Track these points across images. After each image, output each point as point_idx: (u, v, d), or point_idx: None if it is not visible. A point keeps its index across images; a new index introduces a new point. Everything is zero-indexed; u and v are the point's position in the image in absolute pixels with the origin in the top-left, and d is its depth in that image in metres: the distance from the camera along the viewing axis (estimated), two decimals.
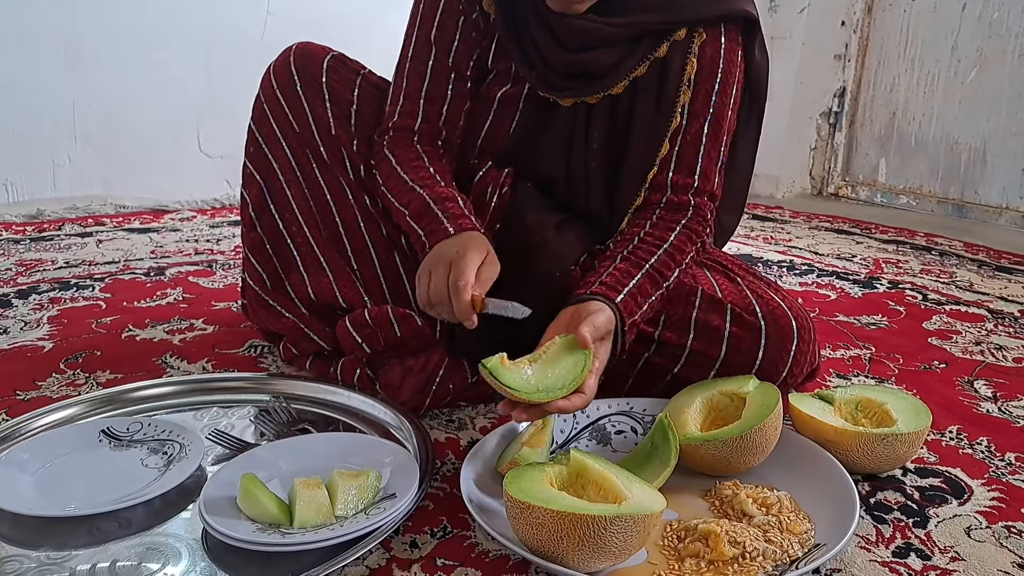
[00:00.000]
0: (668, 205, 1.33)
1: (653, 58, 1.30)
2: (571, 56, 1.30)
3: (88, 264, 2.21)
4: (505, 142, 1.40)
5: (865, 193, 3.49)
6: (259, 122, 1.45)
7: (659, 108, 1.32)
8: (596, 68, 1.30)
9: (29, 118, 2.70)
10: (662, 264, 1.25)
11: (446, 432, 1.28)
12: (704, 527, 0.96)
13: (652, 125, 1.32)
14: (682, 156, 1.33)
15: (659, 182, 1.34)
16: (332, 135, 1.39)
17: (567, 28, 1.27)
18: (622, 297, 1.18)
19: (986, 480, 1.18)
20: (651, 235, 1.29)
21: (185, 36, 2.90)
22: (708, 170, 1.34)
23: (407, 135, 1.36)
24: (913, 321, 1.89)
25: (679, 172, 1.33)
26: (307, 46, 1.44)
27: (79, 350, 1.58)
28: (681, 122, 1.32)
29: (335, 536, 0.93)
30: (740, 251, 2.55)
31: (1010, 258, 2.53)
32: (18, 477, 1.07)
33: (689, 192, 1.33)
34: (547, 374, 1.05)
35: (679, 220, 1.31)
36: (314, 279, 1.41)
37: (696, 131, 1.32)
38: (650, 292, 1.23)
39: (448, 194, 1.26)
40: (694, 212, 1.32)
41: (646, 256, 1.25)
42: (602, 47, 1.29)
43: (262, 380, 1.40)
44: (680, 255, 1.28)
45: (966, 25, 3.10)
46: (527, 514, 0.90)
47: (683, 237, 1.29)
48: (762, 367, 1.26)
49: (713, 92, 1.32)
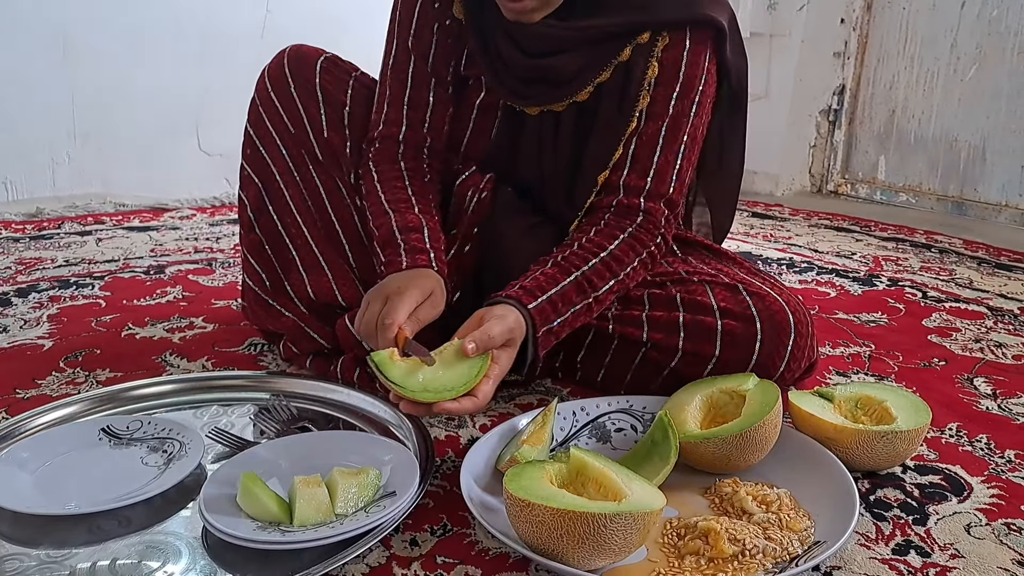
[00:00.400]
0: (617, 209, 1.30)
1: (617, 63, 1.29)
2: (532, 61, 1.30)
3: (88, 262, 2.21)
4: (487, 148, 1.41)
5: (865, 191, 3.49)
6: (255, 124, 1.47)
7: (620, 112, 1.31)
8: (558, 74, 1.31)
9: (28, 115, 2.70)
10: (595, 272, 1.23)
11: (446, 430, 1.28)
12: (704, 525, 0.96)
13: (612, 128, 1.31)
14: (637, 157, 1.30)
15: (612, 183, 1.31)
16: (326, 136, 1.41)
17: (527, 34, 1.27)
18: (537, 304, 1.16)
19: (986, 477, 1.18)
20: (592, 242, 1.26)
21: (183, 32, 2.91)
22: (664, 173, 1.30)
23: (392, 146, 1.37)
24: (913, 318, 1.90)
25: (632, 173, 1.30)
26: (300, 48, 1.46)
27: (79, 348, 1.58)
28: (638, 125, 1.30)
29: (335, 534, 0.93)
30: (740, 248, 2.55)
31: (1010, 255, 2.53)
32: (18, 475, 1.07)
33: (641, 195, 1.30)
34: (440, 374, 1.06)
35: (625, 227, 1.28)
36: (313, 278, 1.42)
37: (653, 132, 1.30)
38: (574, 300, 1.20)
39: (416, 223, 1.26)
40: (643, 219, 1.29)
41: (579, 263, 1.23)
42: (563, 52, 1.29)
43: (262, 378, 1.41)
44: (618, 265, 1.25)
45: (965, 22, 3.10)
46: (527, 512, 0.90)
47: (625, 247, 1.27)
48: (759, 362, 1.26)
49: (673, 95, 1.29)
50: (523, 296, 1.16)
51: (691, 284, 1.34)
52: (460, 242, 1.37)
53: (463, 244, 1.37)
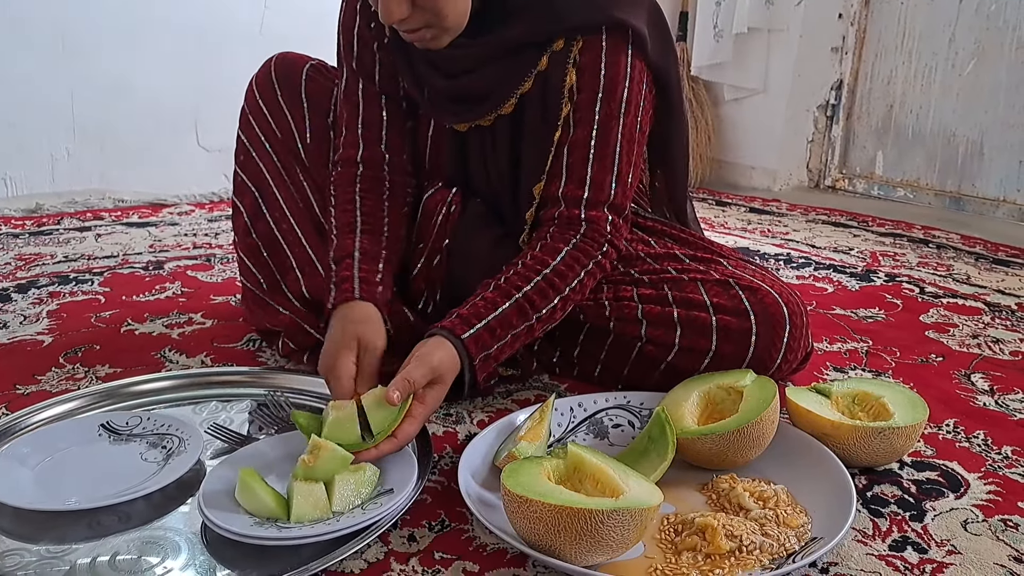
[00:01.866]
0: (560, 221, 1.29)
1: (536, 72, 1.28)
2: (452, 82, 1.31)
3: (87, 258, 2.21)
4: (447, 163, 1.42)
5: (862, 186, 3.49)
6: (246, 131, 1.51)
7: (544, 121, 1.30)
8: (479, 90, 1.31)
9: (27, 111, 2.70)
10: (537, 292, 1.22)
11: (443, 426, 1.28)
12: (701, 521, 0.97)
13: (538, 138, 1.31)
14: (571, 167, 1.29)
15: (551, 195, 1.30)
16: (311, 142, 1.46)
17: (440, 56, 1.28)
18: (473, 332, 1.15)
19: (983, 474, 1.18)
20: (535, 259, 1.25)
21: (182, 29, 2.90)
22: (600, 180, 1.28)
23: (351, 168, 1.38)
24: (910, 314, 1.90)
25: (569, 184, 1.29)
26: (287, 56, 1.51)
27: (78, 344, 1.58)
28: (566, 134, 1.29)
29: (332, 531, 0.94)
30: (737, 244, 2.55)
31: (1007, 251, 2.53)
32: (18, 471, 1.07)
33: (580, 205, 1.28)
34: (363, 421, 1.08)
35: (569, 239, 1.27)
36: (308, 277, 1.43)
37: (583, 140, 1.28)
38: (515, 324, 1.19)
39: (348, 248, 1.28)
40: (586, 228, 1.28)
41: (521, 284, 1.22)
42: (481, 68, 1.29)
43: (261, 374, 1.41)
44: (561, 280, 1.24)
45: (963, 17, 3.10)
46: (524, 508, 0.90)
47: (569, 260, 1.25)
48: (756, 355, 1.27)
49: (597, 100, 1.27)
50: (457, 326, 1.15)
51: (683, 282, 1.35)
52: (428, 255, 1.39)
53: (431, 257, 1.39)
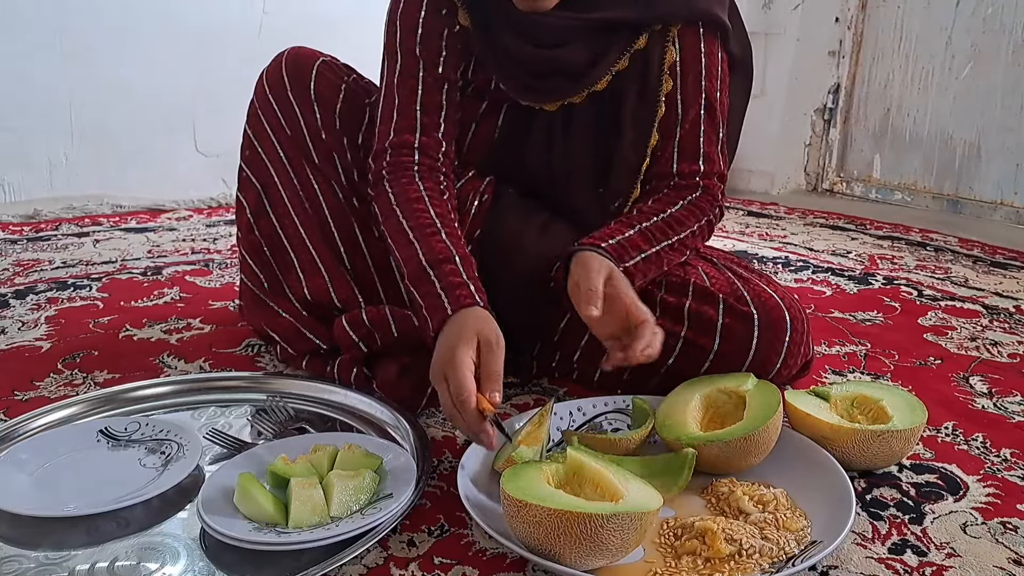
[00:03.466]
0: (675, 187, 1.35)
1: (634, 50, 1.31)
2: (543, 52, 1.30)
3: (85, 264, 2.21)
4: (487, 151, 1.41)
5: (860, 189, 3.49)
6: (254, 127, 1.47)
7: (643, 99, 1.33)
8: (570, 65, 1.31)
9: (24, 116, 2.69)
10: (656, 228, 1.29)
11: (443, 430, 1.28)
12: (701, 524, 0.97)
13: (639, 115, 1.34)
14: (684, 145, 1.35)
15: (663, 172, 1.36)
16: (322, 139, 1.42)
17: (537, 25, 1.28)
18: (609, 244, 1.23)
19: (981, 476, 1.18)
20: (650, 207, 1.33)
21: (180, 33, 2.90)
22: (711, 153, 1.36)
23: (407, 154, 1.33)
24: (908, 317, 1.90)
25: (684, 161, 1.35)
26: (299, 51, 1.47)
27: (77, 350, 1.58)
28: (675, 112, 1.34)
29: (330, 536, 0.94)
30: (735, 247, 2.55)
31: (1005, 253, 2.54)
32: (16, 477, 1.07)
33: (697, 177, 1.35)
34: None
35: (686, 196, 1.34)
36: (310, 280, 1.41)
37: (694, 118, 1.34)
38: (642, 247, 1.26)
39: (446, 253, 1.21)
40: (703, 192, 1.35)
41: (641, 220, 1.29)
42: (574, 42, 1.30)
43: (259, 379, 1.41)
44: (679, 225, 1.31)
45: (960, 20, 3.10)
46: (524, 512, 0.90)
47: (685, 211, 1.33)
48: (756, 359, 1.27)
49: (702, 77, 1.34)
50: (597, 240, 1.23)
51: (691, 281, 1.35)
52: None
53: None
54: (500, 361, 1.08)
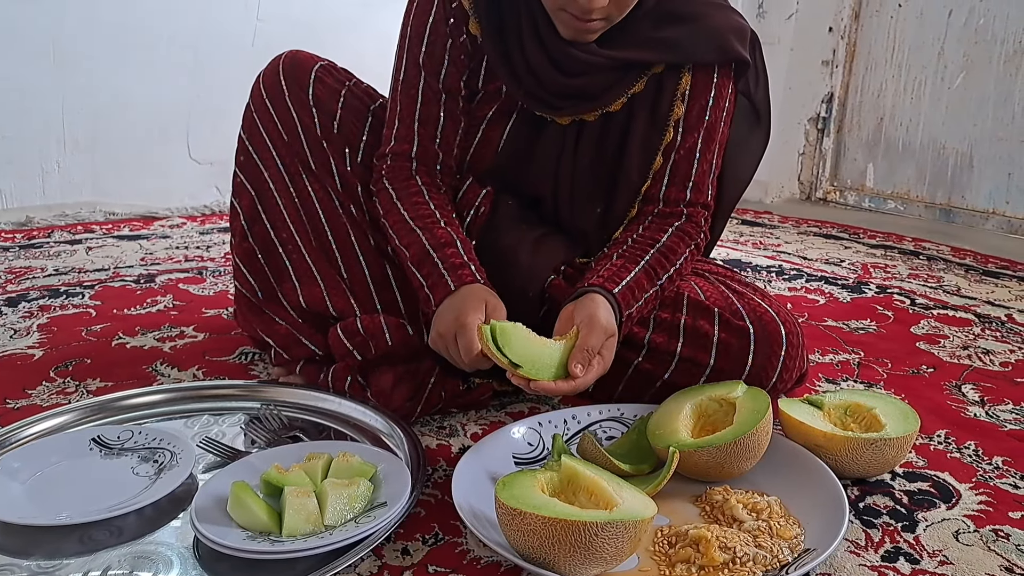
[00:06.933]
0: (660, 215, 1.36)
1: (650, 74, 1.33)
2: (567, 80, 1.30)
3: (78, 271, 2.21)
4: (492, 160, 1.40)
5: (853, 198, 3.51)
6: (249, 132, 1.45)
7: (654, 122, 1.34)
8: (590, 91, 1.32)
9: (18, 123, 2.69)
10: (656, 262, 1.29)
11: (437, 439, 1.28)
12: (695, 532, 0.97)
13: (647, 138, 1.35)
14: (676, 170, 1.36)
15: (652, 194, 1.37)
16: (319, 146, 1.39)
17: (566, 56, 1.27)
18: (620, 289, 1.22)
19: (974, 484, 1.19)
20: (643, 236, 1.33)
21: (174, 41, 2.90)
22: (701, 182, 1.36)
23: (405, 162, 1.36)
24: (901, 326, 1.91)
25: (673, 185, 1.36)
26: (297, 55, 1.44)
27: (69, 358, 1.57)
28: (675, 136, 1.34)
29: (324, 544, 0.93)
30: (729, 256, 2.56)
31: (997, 262, 2.55)
32: (9, 486, 1.07)
33: (682, 204, 1.36)
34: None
35: (672, 223, 1.34)
36: (305, 288, 1.40)
37: (691, 145, 1.35)
38: (646, 287, 1.26)
39: (447, 238, 1.27)
40: (686, 219, 1.35)
41: (641, 253, 1.29)
42: (597, 75, 1.31)
43: (253, 387, 1.41)
44: (673, 255, 1.31)
45: (952, 31, 3.12)
46: (518, 520, 0.90)
47: (675, 238, 1.32)
48: (752, 373, 1.27)
49: (707, 107, 1.34)
50: (606, 283, 1.22)
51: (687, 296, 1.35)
52: None
53: None
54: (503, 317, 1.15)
